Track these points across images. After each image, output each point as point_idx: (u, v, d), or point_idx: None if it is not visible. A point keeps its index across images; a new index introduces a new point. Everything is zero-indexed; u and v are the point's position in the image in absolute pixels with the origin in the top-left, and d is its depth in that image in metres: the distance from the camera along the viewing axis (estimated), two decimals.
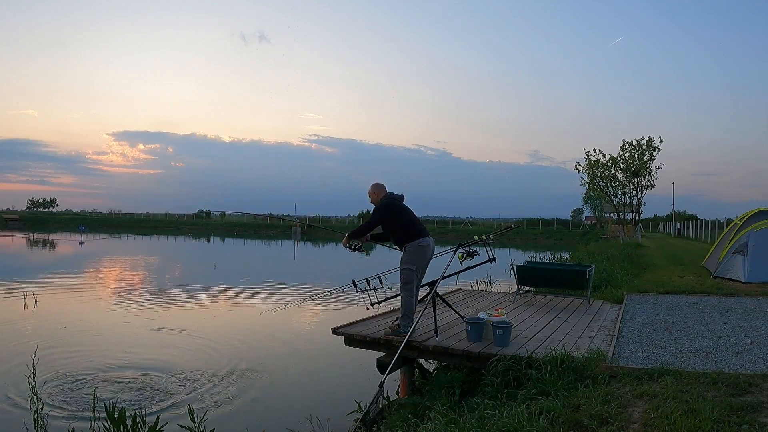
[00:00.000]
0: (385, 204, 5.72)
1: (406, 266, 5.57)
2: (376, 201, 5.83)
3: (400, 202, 5.83)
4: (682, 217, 60.37)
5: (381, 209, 5.71)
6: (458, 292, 9.39)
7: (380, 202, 5.78)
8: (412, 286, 5.61)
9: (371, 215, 5.84)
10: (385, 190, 5.89)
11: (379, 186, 5.92)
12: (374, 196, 5.87)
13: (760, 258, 10.36)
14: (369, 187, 5.92)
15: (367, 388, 6.49)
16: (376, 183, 5.94)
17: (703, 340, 5.53)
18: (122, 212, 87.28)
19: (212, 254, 33.74)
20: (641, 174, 44.38)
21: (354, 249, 5.94)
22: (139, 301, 13.21)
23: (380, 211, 5.71)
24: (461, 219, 77.31)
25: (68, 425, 5.15)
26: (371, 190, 5.90)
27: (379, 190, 5.87)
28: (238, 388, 6.66)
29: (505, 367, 4.56)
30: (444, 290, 7.69)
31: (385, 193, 5.84)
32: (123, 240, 45.12)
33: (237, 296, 14.46)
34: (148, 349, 8.39)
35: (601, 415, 3.40)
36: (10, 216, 73.07)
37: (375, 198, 5.86)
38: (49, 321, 10.52)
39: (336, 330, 6.01)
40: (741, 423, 3.13)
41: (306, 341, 9.41)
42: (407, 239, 5.62)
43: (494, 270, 10.33)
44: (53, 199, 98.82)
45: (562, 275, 8.73)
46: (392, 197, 5.80)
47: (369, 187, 5.92)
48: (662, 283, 10.34)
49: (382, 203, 5.75)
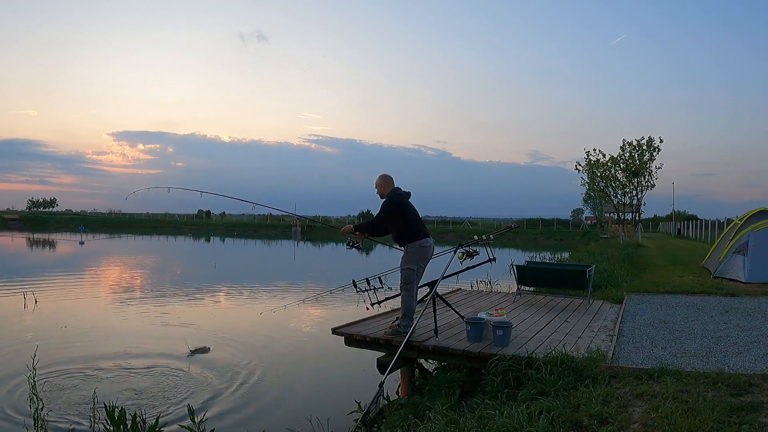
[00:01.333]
0: (394, 200, 5.60)
1: (407, 266, 5.53)
2: (383, 194, 5.69)
3: (407, 199, 5.72)
4: (682, 217, 60.37)
5: (391, 204, 5.59)
6: (458, 292, 9.39)
7: (388, 196, 5.64)
8: (413, 286, 5.58)
9: (381, 210, 5.65)
10: (393, 183, 5.75)
11: (387, 178, 5.77)
12: (381, 188, 5.71)
13: (760, 258, 10.36)
14: (377, 178, 5.76)
15: (367, 388, 6.48)
16: (384, 174, 5.78)
17: (703, 340, 5.52)
18: (122, 212, 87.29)
19: (212, 254, 33.74)
20: (641, 174, 44.43)
21: (352, 246, 5.88)
22: (139, 301, 13.20)
23: (389, 206, 5.59)
24: (461, 219, 77.27)
25: (68, 425, 5.16)
26: (379, 182, 5.74)
27: (387, 183, 5.72)
28: (238, 388, 6.66)
29: (505, 367, 4.55)
30: (444, 290, 7.68)
31: (392, 187, 5.71)
32: (123, 240, 45.12)
33: (237, 296, 14.46)
34: (148, 349, 8.38)
35: (601, 415, 3.40)
36: (10, 216, 73.04)
37: (382, 190, 5.71)
38: (49, 321, 10.52)
39: (336, 330, 6.01)
40: (741, 423, 3.13)
41: (306, 341, 9.41)
42: (410, 238, 5.54)
43: (494, 270, 10.33)
44: (53, 199, 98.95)
45: (562, 275, 8.73)
46: (399, 193, 5.69)
47: (377, 178, 5.76)
48: (662, 283, 10.34)
49: (391, 198, 5.61)
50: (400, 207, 5.61)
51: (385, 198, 5.69)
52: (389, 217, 5.61)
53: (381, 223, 5.70)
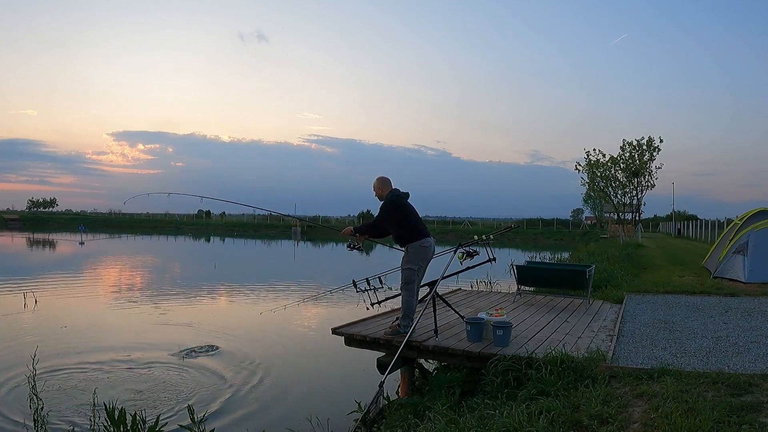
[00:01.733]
0: (393, 201, 5.61)
1: (408, 266, 5.54)
2: (381, 195, 5.71)
3: (405, 200, 5.73)
4: (682, 217, 60.37)
5: (389, 206, 5.60)
6: (458, 292, 9.39)
7: (387, 198, 5.65)
8: (413, 286, 5.59)
9: (380, 211, 5.66)
10: (390, 184, 5.77)
11: (385, 180, 5.78)
12: (379, 190, 5.73)
13: (760, 258, 10.36)
14: (374, 181, 5.78)
15: (367, 388, 6.49)
16: (382, 176, 5.80)
17: (703, 340, 5.53)
18: (122, 212, 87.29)
19: (212, 254, 33.74)
20: (641, 174, 44.45)
21: (353, 248, 5.89)
22: (139, 300, 13.20)
23: (389, 207, 5.60)
24: (461, 219, 77.25)
25: (68, 425, 5.16)
26: (377, 184, 5.75)
27: (385, 185, 5.74)
28: (238, 388, 6.66)
29: (505, 367, 4.56)
30: (444, 290, 7.68)
31: (390, 189, 5.73)
32: (123, 240, 45.12)
33: (237, 296, 14.45)
34: (148, 349, 8.38)
35: (601, 415, 3.40)
36: (10, 216, 73.04)
37: (380, 192, 5.72)
38: (49, 321, 10.52)
39: (336, 330, 6.01)
40: (741, 423, 3.13)
41: (306, 341, 9.41)
42: (411, 238, 5.55)
43: (494, 270, 10.33)
44: (53, 199, 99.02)
45: (562, 275, 8.73)
46: (398, 194, 5.70)
47: (374, 181, 5.78)
48: (662, 283, 10.34)
49: (389, 200, 5.63)
50: (399, 207, 5.62)
51: (383, 200, 5.70)
52: (389, 218, 5.62)
53: (381, 225, 5.70)
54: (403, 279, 5.58)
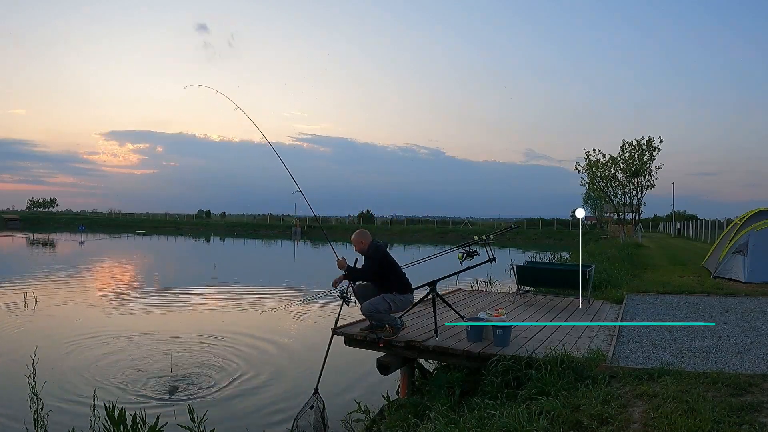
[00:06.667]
0: (380, 249, 5.70)
1: (388, 304, 5.58)
2: (363, 249, 5.73)
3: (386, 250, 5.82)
4: (682, 217, 60.38)
5: (379, 256, 5.66)
6: (458, 292, 9.40)
7: (373, 247, 5.70)
8: (382, 316, 5.60)
9: (371, 261, 5.67)
10: (370, 236, 5.84)
11: (365, 233, 5.86)
12: (360, 245, 5.75)
13: (760, 258, 10.37)
14: (353, 236, 5.81)
15: (367, 388, 6.50)
16: (361, 230, 5.89)
17: (703, 340, 5.53)
18: (122, 212, 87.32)
19: (212, 254, 33.73)
20: (641, 174, 44.38)
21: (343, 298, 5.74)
22: (139, 300, 13.21)
23: (379, 255, 5.66)
24: (461, 219, 77.06)
25: (68, 425, 5.15)
26: (357, 238, 5.78)
27: (365, 238, 5.79)
28: (238, 388, 6.66)
29: (505, 367, 4.56)
30: (444, 290, 7.68)
31: (371, 240, 5.79)
32: (123, 240, 45.12)
33: (237, 296, 14.45)
34: (147, 348, 8.39)
35: (601, 415, 3.40)
36: (10, 216, 73.07)
37: (361, 246, 5.75)
38: (49, 320, 10.52)
39: (336, 330, 6.01)
40: (741, 423, 3.13)
41: (306, 341, 9.40)
42: (403, 289, 5.71)
43: (494, 270, 10.32)
44: (53, 199, 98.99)
45: (562, 275, 8.73)
46: (378, 245, 5.75)
47: (353, 236, 5.81)
48: (662, 283, 10.35)
49: (376, 250, 5.68)
50: (388, 260, 5.76)
51: (366, 252, 5.72)
52: (379, 269, 5.67)
53: (370, 272, 5.71)
54: (377, 307, 5.54)
